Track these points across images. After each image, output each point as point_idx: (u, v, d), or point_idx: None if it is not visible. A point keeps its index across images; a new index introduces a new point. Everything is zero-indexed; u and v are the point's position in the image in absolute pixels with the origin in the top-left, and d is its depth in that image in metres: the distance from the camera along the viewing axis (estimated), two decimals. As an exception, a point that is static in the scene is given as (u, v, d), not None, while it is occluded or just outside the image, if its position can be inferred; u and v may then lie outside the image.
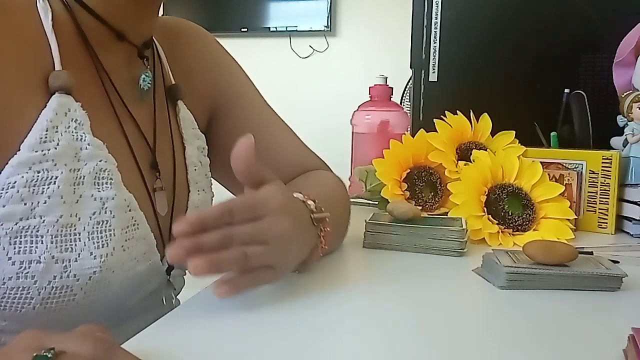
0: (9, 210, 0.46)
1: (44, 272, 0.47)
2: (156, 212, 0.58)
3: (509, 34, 1.02)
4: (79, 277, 0.49)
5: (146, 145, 0.59)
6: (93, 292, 0.50)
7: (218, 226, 0.46)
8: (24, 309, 0.47)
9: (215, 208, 0.46)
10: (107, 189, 0.51)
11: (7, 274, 0.46)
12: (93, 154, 0.51)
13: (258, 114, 0.75)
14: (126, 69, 0.59)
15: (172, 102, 0.66)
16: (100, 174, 0.51)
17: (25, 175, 0.47)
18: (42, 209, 0.47)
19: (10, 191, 0.46)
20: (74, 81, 0.51)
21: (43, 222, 0.47)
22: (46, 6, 0.52)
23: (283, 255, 0.49)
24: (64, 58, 0.51)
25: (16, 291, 0.47)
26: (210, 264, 0.44)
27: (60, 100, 0.50)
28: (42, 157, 0.48)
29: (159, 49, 0.66)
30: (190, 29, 0.74)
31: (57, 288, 0.48)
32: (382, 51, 2.94)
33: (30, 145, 0.47)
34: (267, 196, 0.49)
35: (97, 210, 0.50)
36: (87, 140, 0.51)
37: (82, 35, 0.54)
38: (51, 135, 0.48)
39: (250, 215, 0.47)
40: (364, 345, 0.43)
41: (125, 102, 0.57)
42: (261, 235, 0.47)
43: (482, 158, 0.79)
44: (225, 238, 0.45)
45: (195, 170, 0.65)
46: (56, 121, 0.49)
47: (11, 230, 0.46)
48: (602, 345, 0.43)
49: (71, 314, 0.49)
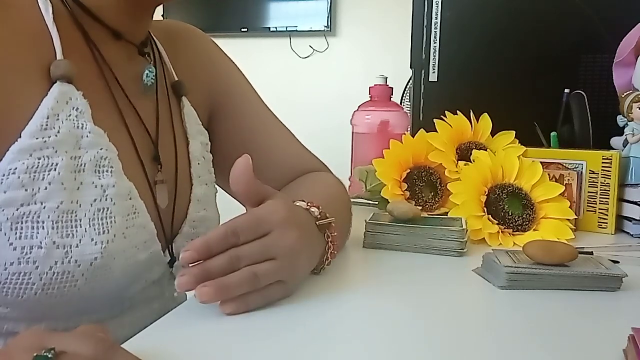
0: (10, 196, 0.47)
1: (45, 257, 0.47)
2: (157, 204, 0.58)
3: (509, 34, 1.02)
4: (80, 263, 0.49)
5: (148, 138, 0.59)
6: (94, 278, 0.50)
7: (224, 248, 0.46)
8: (25, 295, 0.48)
9: (219, 230, 0.46)
10: (107, 177, 0.52)
11: (8, 260, 0.47)
12: (94, 142, 0.51)
13: (256, 116, 0.75)
14: (128, 64, 0.59)
15: (176, 98, 0.66)
16: (100, 162, 0.51)
17: (26, 162, 0.47)
18: (42, 195, 0.48)
19: (11, 177, 0.47)
20: (75, 70, 0.51)
21: (44, 208, 0.47)
22: (46, 1, 0.53)
23: (293, 269, 0.49)
24: (66, 49, 0.52)
25: (17, 276, 0.47)
26: (218, 290, 0.44)
27: (62, 89, 0.50)
28: (42, 144, 0.48)
29: (160, 48, 0.66)
30: (188, 31, 0.74)
31: (59, 274, 0.48)
32: (382, 51, 2.94)
33: (31, 133, 0.48)
34: (270, 211, 0.49)
35: (97, 197, 0.51)
36: (87, 128, 0.51)
37: (81, 30, 0.55)
38: (52, 123, 0.49)
39: (255, 233, 0.47)
40: (364, 345, 0.43)
41: (128, 95, 0.58)
42: (269, 252, 0.47)
43: (482, 158, 0.79)
44: (233, 260, 0.46)
45: (199, 164, 0.66)
46: (57, 109, 0.49)
47: (12, 215, 0.47)
48: (602, 345, 0.43)
49: (73, 301, 0.50)
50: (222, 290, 0.45)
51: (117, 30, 0.57)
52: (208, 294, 0.44)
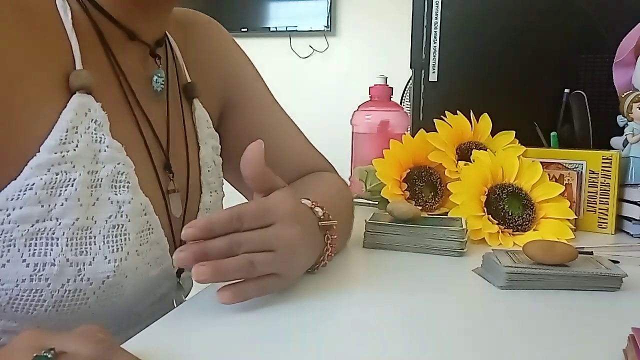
0: (26, 212, 0.46)
1: (58, 275, 0.47)
2: (170, 215, 0.58)
3: (509, 34, 1.02)
4: (93, 281, 0.48)
5: (160, 147, 0.58)
6: (106, 296, 0.49)
7: (226, 232, 0.46)
8: (35, 311, 0.47)
9: (224, 213, 0.46)
10: (124, 192, 0.51)
11: (20, 276, 0.46)
12: (111, 156, 0.50)
13: (267, 112, 0.75)
14: (141, 68, 0.58)
15: (188, 101, 0.65)
16: (117, 177, 0.51)
17: (44, 177, 0.46)
18: (58, 211, 0.47)
19: (28, 193, 0.46)
20: (94, 81, 0.50)
21: (59, 225, 0.47)
22: (65, 5, 0.51)
23: (290, 263, 0.49)
24: (84, 57, 0.51)
25: (29, 293, 0.46)
26: (214, 271, 0.44)
27: (81, 100, 0.49)
28: (60, 159, 0.47)
29: (173, 46, 0.65)
30: (205, 23, 0.73)
31: (70, 291, 0.47)
32: (382, 51, 2.94)
33: (49, 147, 0.47)
34: (276, 203, 0.49)
35: (113, 213, 0.50)
36: (106, 142, 0.50)
37: (99, 34, 0.54)
38: (71, 137, 0.48)
39: (258, 222, 0.47)
40: (364, 345, 0.42)
41: (140, 102, 0.57)
42: (269, 243, 0.47)
43: (482, 158, 0.79)
44: (233, 244, 0.46)
45: (209, 171, 0.65)
46: (76, 121, 0.48)
47: (27, 232, 0.46)
48: (602, 345, 0.43)
49: (82, 318, 0.49)
50: (219, 272, 0.44)
51: (132, 30, 0.56)
52: (205, 273, 0.44)
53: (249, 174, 0.49)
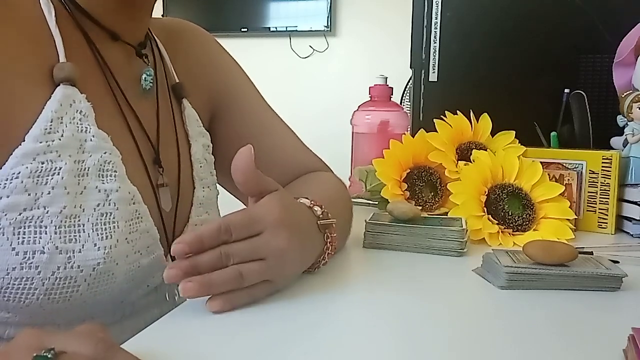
0: (13, 200, 0.46)
1: (48, 262, 0.47)
2: (160, 208, 0.58)
3: (509, 33, 1.02)
4: (83, 268, 0.49)
5: (148, 142, 0.59)
6: (97, 284, 0.50)
7: (216, 244, 0.46)
8: (27, 300, 0.48)
9: (212, 225, 0.46)
10: (111, 181, 0.51)
11: (10, 265, 0.47)
12: (98, 145, 0.51)
13: (258, 115, 0.75)
14: (127, 66, 0.59)
15: (177, 100, 0.66)
16: (104, 166, 0.51)
17: (30, 166, 0.47)
18: (45, 200, 0.47)
19: (15, 182, 0.46)
20: (78, 73, 0.51)
21: (47, 213, 0.47)
22: (49, 4, 0.53)
23: (280, 270, 0.49)
24: (68, 51, 0.52)
25: (20, 282, 0.47)
26: (201, 287, 0.44)
27: (65, 92, 0.50)
28: (46, 148, 0.48)
29: (160, 49, 0.66)
30: (191, 30, 0.74)
31: (61, 279, 0.48)
32: (382, 51, 2.94)
33: (34, 137, 0.48)
34: (265, 210, 0.49)
35: (101, 202, 0.50)
36: (91, 132, 0.51)
37: (83, 33, 0.55)
38: (56, 127, 0.49)
39: (247, 232, 0.48)
40: (364, 345, 0.42)
41: (127, 98, 0.58)
42: (258, 252, 0.47)
43: (482, 158, 0.79)
44: (222, 257, 0.46)
45: (201, 167, 0.66)
46: (61, 112, 0.49)
47: (15, 220, 0.47)
48: (602, 345, 0.43)
49: (75, 306, 0.50)
50: (206, 287, 0.45)
51: (114, 31, 0.57)
52: (191, 290, 0.44)
53: (239, 179, 0.50)
